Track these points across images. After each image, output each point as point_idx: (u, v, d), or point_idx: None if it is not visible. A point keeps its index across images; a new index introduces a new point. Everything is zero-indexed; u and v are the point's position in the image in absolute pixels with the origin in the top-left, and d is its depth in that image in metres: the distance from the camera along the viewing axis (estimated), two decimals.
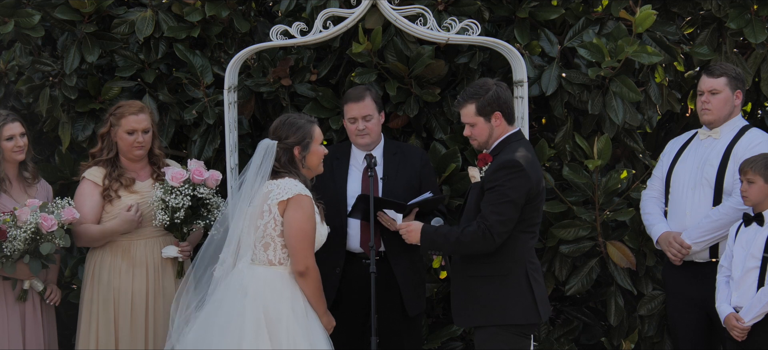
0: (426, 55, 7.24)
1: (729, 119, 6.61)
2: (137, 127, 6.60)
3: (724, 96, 6.57)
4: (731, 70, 6.62)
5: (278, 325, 5.71)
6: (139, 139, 6.59)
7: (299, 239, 5.79)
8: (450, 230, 5.94)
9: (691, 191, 6.62)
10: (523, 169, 5.80)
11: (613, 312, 7.41)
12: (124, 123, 6.60)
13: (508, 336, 5.91)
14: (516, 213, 5.79)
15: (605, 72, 7.09)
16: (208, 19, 7.36)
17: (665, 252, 6.65)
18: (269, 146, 5.88)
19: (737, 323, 6.20)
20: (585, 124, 7.49)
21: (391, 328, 6.72)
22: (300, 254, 5.79)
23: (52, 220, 6.27)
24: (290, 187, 5.81)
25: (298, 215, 5.79)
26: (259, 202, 5.82)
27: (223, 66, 7.30)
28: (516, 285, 5.90)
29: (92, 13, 7.31)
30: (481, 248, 5.82)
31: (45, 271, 6.56)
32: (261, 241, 5.83)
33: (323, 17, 6.76)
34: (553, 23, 7.51)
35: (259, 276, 5.81)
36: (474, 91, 5.97)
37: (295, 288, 5.83)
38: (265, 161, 5.85)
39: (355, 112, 6.63)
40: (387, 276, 6.61)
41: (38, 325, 6.64)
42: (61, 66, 7.38)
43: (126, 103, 6.73)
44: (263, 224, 5.82)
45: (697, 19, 7.74)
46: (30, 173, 6.71)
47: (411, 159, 6.77)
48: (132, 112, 6.61)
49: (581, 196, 7.29)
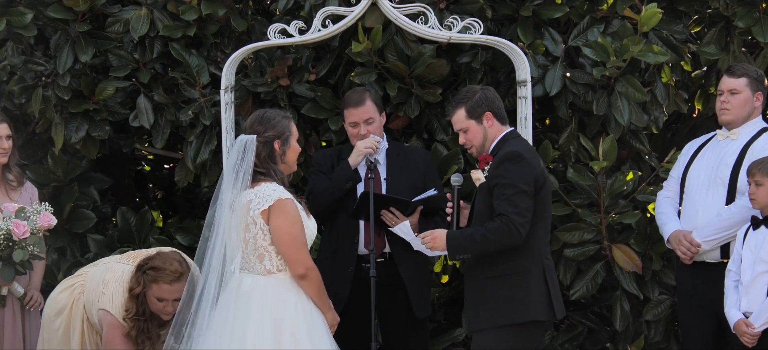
0: (427, 55, 7.23)
1: (748, 120, 6.61)
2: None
3: (744, 97, 6.58)
4: (753, 71, 6.65)
5: (283, 329, 5.63)
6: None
7: (289, 244, 5.69)
8: (474, 230, 5.92)
9: (704, 190, 6.60)
10: (523, 157, 5.84)
11: (618, 317, 7.38)
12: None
13: (513, 338, 5.91)
14: (530, 202, 5.81)
15: (610, 72, 7.09)
16: (204, 17, 7.36)
17: (675, 251, 6.67)
18: (248, 141, 5.72)
19: (747, 329, 6.15)
20: (590, 125, 7.49)
21: (398, 331, 6.71)
22: (295, 259, 5.70)
23: (25, 227, 6.18)
24: (268, 194, 5.67)
25: (282, 220, 5.66)
26: (242, 213, 5.69)
27: (219, 66, 7.31)
28: (534, 281, 5.90)
29: (86, 12, 7.32)
30: (508, 242, 5.81)
31: (26, 276, 6.52)
32: (254, 253, 5.72)
33: (322, 16, 6.74)
34: (557, 22, 7.51)
35: (260, 284, 5.71)
36: (461, 97, 6.05)
37: (299, 292, 5.74)
38: (246, 156, 5.69)
39: (355, 117, 6.61)
40: (393, 277, 6.58)
41: (17, 331, 6.58)
42: (54, 66, 7.39)
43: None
44: (252, 236, 5.70)
45: (705, 18, 7.74)
46: (14, 176, 6.67)
47: (414, 160, 6.75)
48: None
49: (586, 198, 7.28)
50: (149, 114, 7.42)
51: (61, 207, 7.38)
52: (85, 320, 6.31)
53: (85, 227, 7.55)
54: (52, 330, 6.38)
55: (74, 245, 7.63)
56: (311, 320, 5.71)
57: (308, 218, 5.83)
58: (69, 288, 6.40)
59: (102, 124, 7.47)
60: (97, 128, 7.46)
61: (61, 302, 6.36)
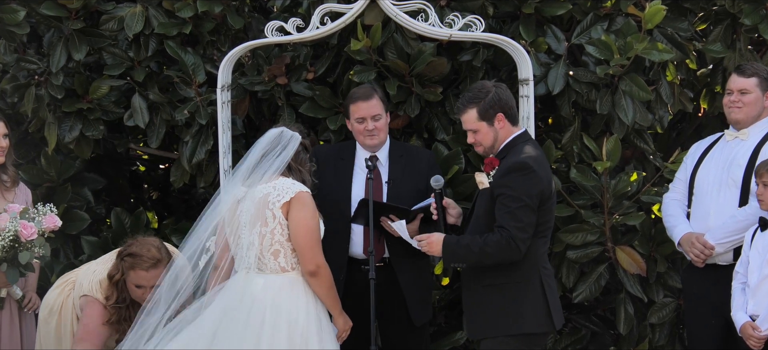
0: (427, 53, 7.22)
1: (758, 120, 6.61)
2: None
3: (754, 97, 6.59)
4: (763, 70, 6.65)
5: (296, 332, 5.67)
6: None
7: (307, 237, 5.74)
8: (472, 240, 5.89)
9: (716, 191, 6.60)
10: (533, 170, 5.79)
11: (622, 321, 7.39)
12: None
13: (519, 345, 5.88)
14: (533, 216, 5.79)
15: (614, 70, 7.08)
16: (200, 14, 7.35)
17: (687, 254, 6.65)
18: (294, 137, 5.85)
19: (754, 332, 6.14)
20: (593, 124, 7.50)
21: (396, 338, 6.71)
22: (309, 253, 5.74)
23: (32, 228, 6.17)
24: (288, 186, 5.76)
25: (303, 213, 5.74)
26: (260, 207, 5.74)
27: (216, 64, 7.32)
28: (531, 293, 5.88)
29: (79, 9, 7.32)
30: (506, 258, 5.80)
31: (24, 278, 6.50)
32: (270, 249, 5.76)
33: (320, 13, 6.74)
34: (560, 19, 7.52)
35: (274, 284, 5.74)
36: (473, 95, 5.98)
37: (309, 292, 5.79)
38: (285, 151, 5.80)
39: (364, 111, 6.59)
40: (391, 283, 6.57)
41: (15, 334, 6.58)
42: (47, 64, 7.38)
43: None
44: (269, 231, 5.74)
45: (710, 15, 7.76)
46: (9, 177, 6.65)
47: (417, 162, 6.73)
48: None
49: (589, 199, 7.28)
50: (144, 113, 7.40)
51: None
52: (75, 318, 6.36)
53: (79, 229, 7.54)
54: (47, 330, 6.43)
55: (68, 247, 7.63)
56: (319, 321, 5.76)
57: (319, 219, 5.90)
58: (60, 287, 6.49)
59: (96, 123, 7.45)
60: (90, 127, 7.44)
61: (53, 302, 6.42)
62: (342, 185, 6.64)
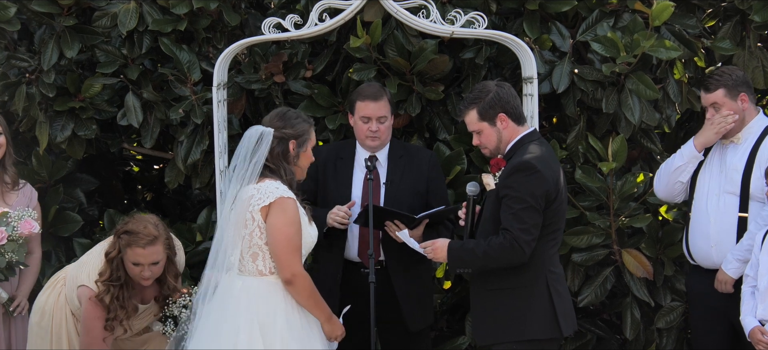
0: (429, 50, 7.19)
1: (744, 123, 6.65)
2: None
3: (729, 106, 6.63)
4: (727, 77, 6.67)
5: (273, 337, 5.65)
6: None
7: (282, 245, 5.68)
8: (476, 244, 5.88)
9: (715, 197, 6.63)
10: (536, 170, 5.76)
11: (629, 325, 7.39)
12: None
13: (525, 347, 5.88)
14: (538, 218, 5.76)
15: (620, 68, 7.06)
16: (195, 11, 7.32)
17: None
18: (265, 133, 5.76)
19: (763, 337, 6.13)
20: (599, 123, 7.47)
21: (397, 340, 6.71)
22: (284, 261, 5.69)
23: (2, 233, 6.17)
24: (271, 190, 5.69)
25: (281, 219, 5.68)
26: (242, 208, 5.72)
27: (211, 62, 7.31)
28: (537, 297, 5.87)
29: (71, 6, 7.31)
30: (510, 261, 5.79)
31: (10, 283, 6.51)
32: (249, 251, 5.73)
33: (319, 9, 6.74)
34: (565, 16, 7.51)
35: (251, 287, 5.73)
36: (474, 96, 6.00)
37: (288, 297, 5.76)
38: (259, 148, 5.72)
39: (370, 111, 6.57)
40: (386, 288, 6.55)
41: (1, 337, 6.56)
42: (38, 62, 7.37)
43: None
44: (248, 233, 5.71)
45: (719, 12, 7.70)
46: (10, 178, 6.64)
47: (418, 162, 6.71)
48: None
49: (595, 201, 7.26)
50: (138, 112, 7.36)
51: (46, 210, 7.35)
52: (69, 314, 6.36)
53: (71, 231, 7.54)
54: (39, 333, 6.43)
55: (60, 250, 7.62)
56: (301, 327, 5.73)
57: (309, 225, 5.87)
58: (50, 286, 6.49)
59: (88, 122, 7.44)
60: (83, 126, 7.42)
61: (44, 303, 6.42)
62: (341, 185, 6.64)
